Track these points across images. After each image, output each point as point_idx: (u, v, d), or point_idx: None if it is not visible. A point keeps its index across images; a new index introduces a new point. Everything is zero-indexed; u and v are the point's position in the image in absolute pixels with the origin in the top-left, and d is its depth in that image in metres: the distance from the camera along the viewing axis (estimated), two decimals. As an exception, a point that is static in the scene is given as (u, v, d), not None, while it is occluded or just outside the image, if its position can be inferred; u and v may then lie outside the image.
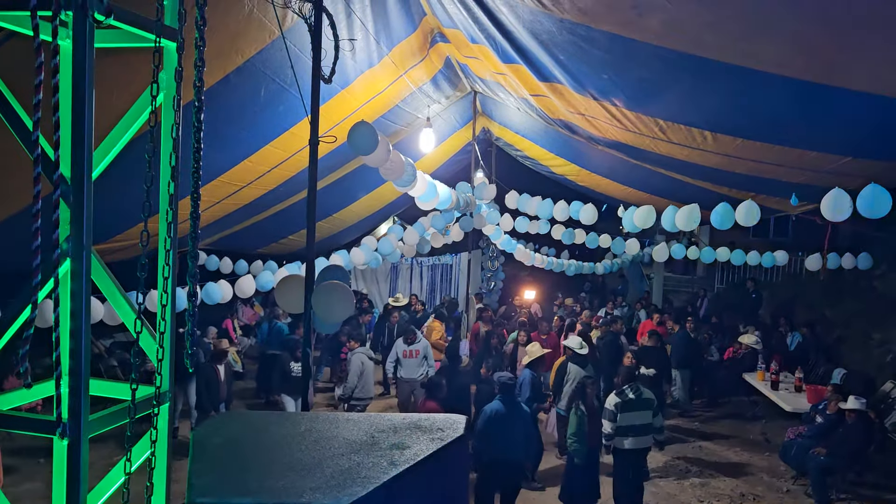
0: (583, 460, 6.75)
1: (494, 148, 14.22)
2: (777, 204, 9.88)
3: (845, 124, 6.08)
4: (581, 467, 6.76)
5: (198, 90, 2.39)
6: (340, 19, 5.89)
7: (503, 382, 6.78)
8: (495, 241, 12.75)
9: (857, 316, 12.67)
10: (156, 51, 2.30)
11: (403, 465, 2.12)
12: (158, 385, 2.49)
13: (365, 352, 9.20)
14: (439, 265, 17.09)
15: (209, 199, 8.02)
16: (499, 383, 6.82)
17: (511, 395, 6.75)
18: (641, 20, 4.91)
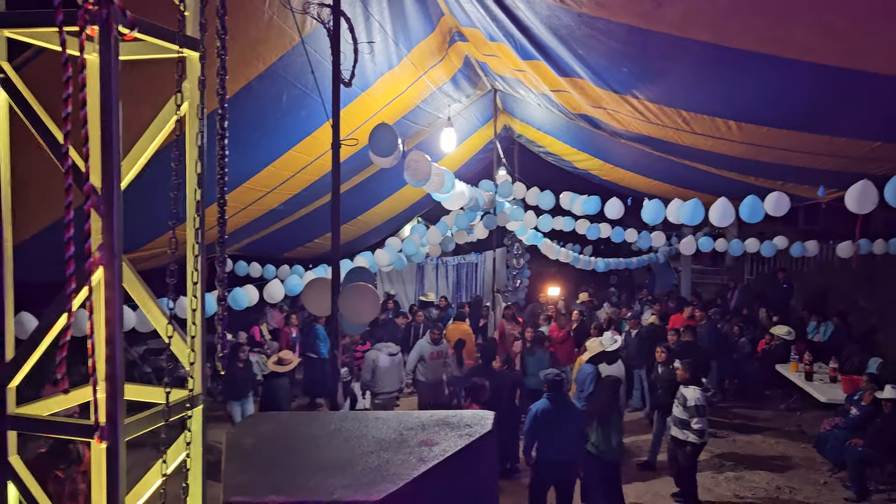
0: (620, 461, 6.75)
1: (517, 145, 14.18)
2: (807, 192, 9.73)
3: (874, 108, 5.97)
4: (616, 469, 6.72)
5: (221, 98, 2.44)
6: (359, 22, 5.93)
7: (550, 380, 6.68)
8: (521, 236, 12.73)
9: (891, 303, 12.42)
10: (179, 61, 2.35)
11: (432, 461, 2.14)
12: (191, 388, 2.54)
13: (380, 348, 9.26)
14: (465, 264, 17.10)
15: (235, 205, 8.12)
16: (546, 381, 6.74)
17: (558, 392, 6.66)
18: (660, 11, 4.87)
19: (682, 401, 7.16)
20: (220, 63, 2.43)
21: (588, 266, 14.70)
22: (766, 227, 15.06)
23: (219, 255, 2.51)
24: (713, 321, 11.81)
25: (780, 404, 11.21)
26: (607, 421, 6.59)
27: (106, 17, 2.03)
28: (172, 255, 2.27)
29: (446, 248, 12.52)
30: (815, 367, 10.28)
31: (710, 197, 9.11)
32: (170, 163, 2.40)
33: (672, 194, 10.46)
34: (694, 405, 7.00)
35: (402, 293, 16.55)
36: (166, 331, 2.48)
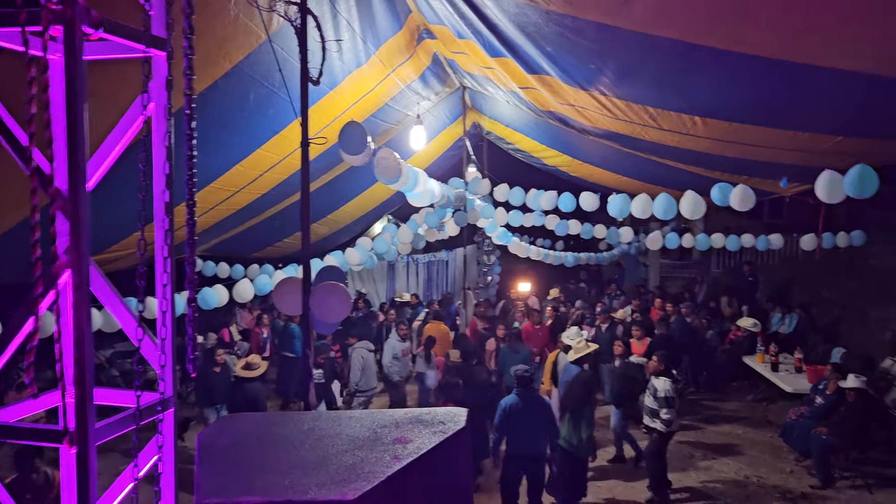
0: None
1: (486, 142, 14.24)
2: (771, 186, 9.92)
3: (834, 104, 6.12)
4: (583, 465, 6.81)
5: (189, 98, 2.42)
6: (326, 20, 5.90)
7: (519, 375, 6.72)
8: (490, 234, 12.79)
9: (854, 294, 12.75)
10: (145, 61, 2.32)
11: (406, 458, 2.15)
12: (162, 391, 2.52)
13: (364, 346, 9.26)
14: (436, 261, 17.13)
15: (203, 205, 8.03)
16: (515, 376, 6.78)
17: (527, 388, 6.70)
18: (626, 8, 4.93)
19: (652, 391, 7.29)
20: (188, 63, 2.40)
21: (558, 261, 14.82)
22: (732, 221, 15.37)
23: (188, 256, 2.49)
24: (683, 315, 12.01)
25: (747, 395, 11.44)
26: (579, 415, 6.65)
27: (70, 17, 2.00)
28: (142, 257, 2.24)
29: (417, 246, 12.54)
30: (781, 357, 10.52)
31: (678, 192, 9.25)
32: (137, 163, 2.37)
33: (640, 190, 10.59)
34: (664, 396, 7.15)
35: (373, 292, 16.53)
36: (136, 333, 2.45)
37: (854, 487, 7.67)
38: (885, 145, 7.21)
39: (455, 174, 11.91)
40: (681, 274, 19.60)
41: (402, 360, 9.43)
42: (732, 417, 10.43)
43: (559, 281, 18.39)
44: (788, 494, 7.53)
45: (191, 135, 2.44)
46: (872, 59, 5.00)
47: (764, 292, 15.59)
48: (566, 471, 6.71)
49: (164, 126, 2.42)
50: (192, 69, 2.40)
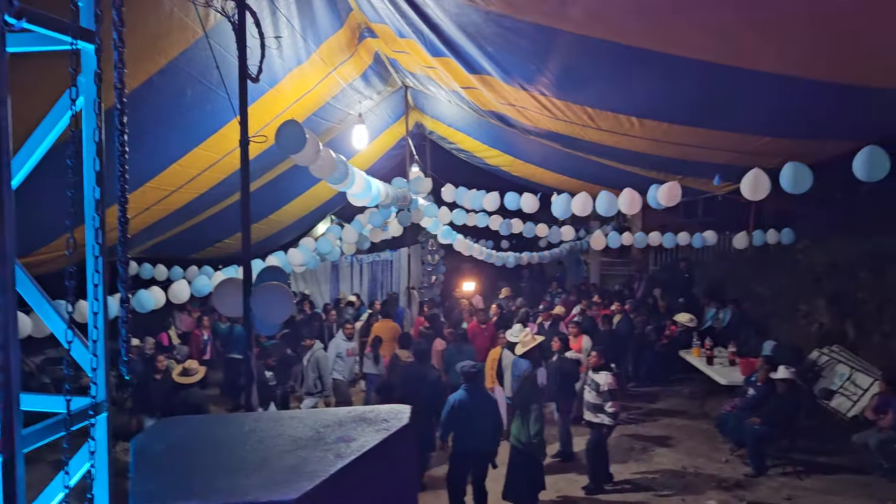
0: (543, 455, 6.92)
1: (428, 142, 14.27)
2: (704, 185, 10.25)
3: (763, 105, 6.36)
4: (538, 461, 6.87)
5: (119, 92, 2.34)
6: (265, 17, 5.81)
7: (466, 371, 6.73)
8: (435, 231, 12.81)
9: (783, 289, 13.26)
10: (73, 54, 2.24)
11: (350, 457, 2.14)
12: (94, 395, 2.44)
13: (319, 347, 9.22)
14: (380, 261, 17.06)
15: (138, 205, 7.80)
16: (462, 373, 6.79)
17: (475, 384, 6.72)
18: (563, 9, 5.02)
19: (594, 386, 7.43)
20: (118, 56, 2.33)
21: (500, 261, 14.95)
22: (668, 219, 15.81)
23: (120, 257, 2.41)
24: (628, 313, 12.31)
25: (684, 388, 11.77)
26: (527, 413, 6.70)
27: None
28: (71, 257, 2.16)
29: (361, 247, 12.45)
30: (715, 351, 10.85)
31: (617, 191, 9.46)
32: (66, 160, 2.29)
33: (579, 189, 10.78)
34: (607, 389, 7.30)
35: (316, 293, 16.34)
36: (65, 336, 2.36)
37: (785, 475, 7.98)
38: (809, 146, 7.55)
39: (398, 174, 11.89)
40: (620, 271, 20.02)
41: (346, 360, 9.36)
42: (670, 410, 10.72)
43: (503, 280, 18.55)
44: (724, 483, 7.78)
45: (122, 130, 2.36)
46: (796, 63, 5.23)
47: (699, 288, 16.08)
48: (520, 470, 6.76)
49: (94, 121, 2.33)
50: (123, 62, 2.33)
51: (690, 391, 11.57)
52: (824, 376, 10.37)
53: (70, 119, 2.24)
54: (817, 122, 6.66)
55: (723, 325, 12.75)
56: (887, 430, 7.75)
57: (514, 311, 12.56)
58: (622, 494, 7.57)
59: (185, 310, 13.33)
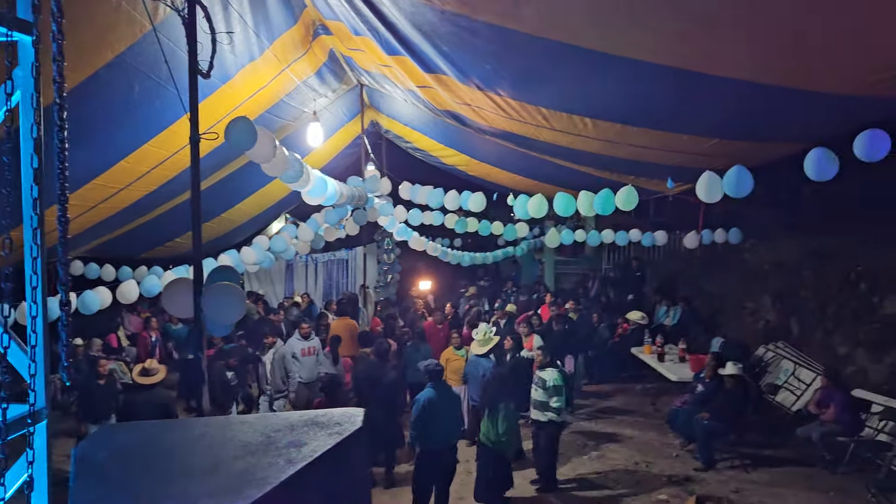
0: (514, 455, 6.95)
1: (384, 140, 14.20)
2: (656, 186, 10.42)
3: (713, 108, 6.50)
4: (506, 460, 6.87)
5: (59, 87, 2.25)
6: (216, 11, 5.69)
7: (432, 370, 6.74)
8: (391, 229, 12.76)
9: (731, 288, 13.61)
10: (9, 45, 2.14)
11: (301, 462, 2.10)
12: (32, 402, 2.34)
13: (280, 346, 9.13)
14: (335, 261, 16.91)
15: (84, 203, 7.56)
16: (427, 371, 6.77)
17: (441, 381, 6.76)
18: (518, 10, 5.04)
19: (541, 384, 7.48)
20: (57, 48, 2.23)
21: (455, 260, 14.97)
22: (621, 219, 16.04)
23: (60, 258, 2.32)
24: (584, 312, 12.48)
25: (636, 385, 11.98)
26: (496, 412, 6.71)
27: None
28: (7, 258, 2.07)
29: (316, 246, 12.31)
30: (666, 348, 11.07)
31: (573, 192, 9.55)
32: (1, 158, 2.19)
33: (535, 189, 10.87)
34: (553, 385, 7.38)
35: (270, 292, 16.12)
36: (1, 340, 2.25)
37: (733, 468, 8.18)
38: (757, 148, 7.75)
39: (354, 172, 11.77)
40: (574, 270, 20.25)
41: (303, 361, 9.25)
42: (623, 407, 10.89)
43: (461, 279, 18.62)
44: (674, 478, 7.94)
45: (61, 126, 2.27)
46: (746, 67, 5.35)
47: (650, 286, 16.37)
48: (488, 469, 6.77)
49: (32, 116, 2.24)
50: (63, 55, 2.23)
51: (642, 388, 11.77)
52: (770, 372, 10.68)
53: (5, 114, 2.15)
54: (764, 124, 6.84)
55: (673, 323, 13.02)
56: (829, 424, 8.01)
57: (468, 311, 12.60)
58: (576, 492, 7.66)
59: (134, 311, 13.01)
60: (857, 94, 5.44)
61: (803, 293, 11.27)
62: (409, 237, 13.15)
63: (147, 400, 7.30)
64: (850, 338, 9.78)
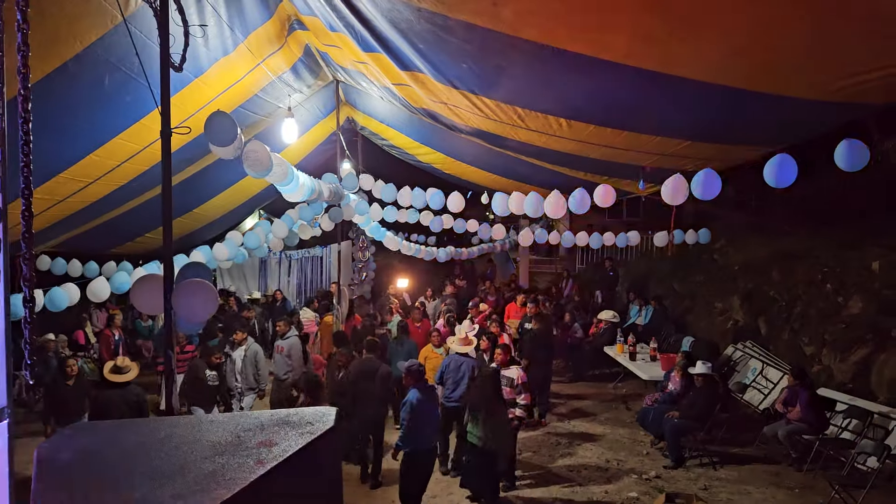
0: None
1: (360, 137, 14.13)
2: (628, 186, 10.53)
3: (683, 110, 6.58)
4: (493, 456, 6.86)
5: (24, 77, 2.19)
6: (189, 3, 5.60)
7: (413, 370, 6.70)
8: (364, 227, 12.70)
9: (701, 287, 13.79)
10: (-28, 35, 2.09)
11: (271, 462, 2.07)
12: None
13: (252, 343, 9.07)
14: (309, 257, 16.80)
15: (51, 197, 7.41)
16: (408, 371, 6.72)
17: (423, 381, 6.77)
18: (495, 10, 5.04)
19: (507, 382, 7.51)
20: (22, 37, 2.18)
21: (430, 256, 14.96)
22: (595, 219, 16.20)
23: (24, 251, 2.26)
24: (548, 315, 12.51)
25: (608, 384, 12.08)
26: (485, 411, 6.69)
27: None
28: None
29: (290, 242, 12.21)
30: (638, 347, 11.18)
31: (545, 190, 9.59)
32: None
33: (510, 188, 10.89)
34: (521, 383, 7.46)
35: (243, 288, 15.97)
36: (-38, 338, 2.20)
37: (702, 465, 8.29)
38: (727, 150, 7.86)
39: (329, 169, 11.69)
40: (548, 269, 20.38)
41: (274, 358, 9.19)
42: (594, 405, 10.97)
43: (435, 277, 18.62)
44: (644, 476, 8.02)
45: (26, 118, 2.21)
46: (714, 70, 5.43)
47: (623, 286, 16.53)
48: (478, 466, 6.79)
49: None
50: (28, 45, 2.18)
51: (614, 386, 11.88)
52: (738, 371, 10.84)
53: (-32, 105, 2.09)
54: (732, 127, 6.95)
55: (645, 322, 13.16)
56: (795, 422, 8.15)
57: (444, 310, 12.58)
58: (546, 489, 7.70)
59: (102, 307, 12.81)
60: (823, 99, 5.54)
61: (771, 293, 11.47)
62: (384, 237, 13.11)
63: (121, 397, 7.20)
64: (816, 338, 9.97)
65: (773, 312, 11.21)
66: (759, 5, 4.34)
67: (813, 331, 10.13)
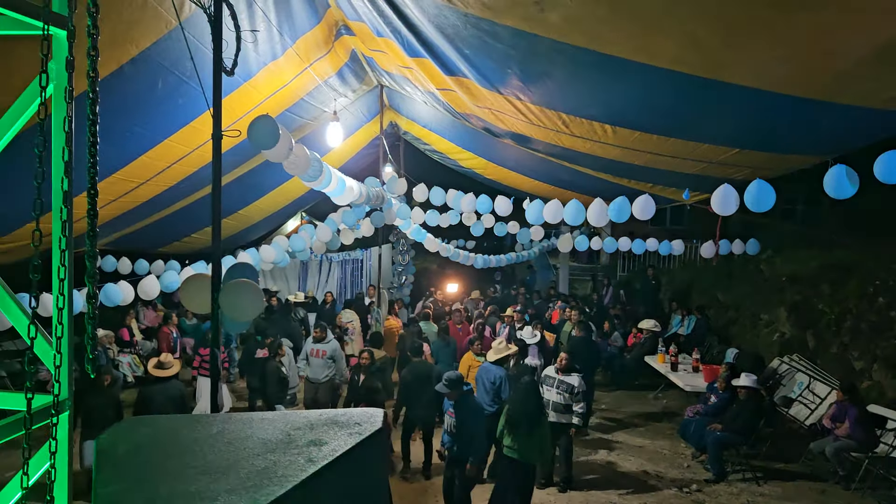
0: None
1: (402, 142, 14.23)
2: (673, 194, 10.38)
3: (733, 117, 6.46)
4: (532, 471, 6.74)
5: (92, 81, 2.27)
6: (241, 9, 5.73)
7: (453, 379, 6.57)
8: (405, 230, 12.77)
9: (747, 298, 13.51)
10: (44, 39, 2.16)
11: (321, 461, 2.10)
12: (57, 393, 2.36)
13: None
14: (350, 260, 16.95)
15: (105, 196, 7.63)
16: (448, 380, 6.58)
17: (461, 390, 6.61)
18: (543, 15, 5.03)
19: (566, 388, 7.45)
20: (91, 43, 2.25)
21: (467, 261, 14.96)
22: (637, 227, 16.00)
23: (89, 249, 2.33)
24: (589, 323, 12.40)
25: (648, 394, 11.91)
26: (530, 423, 6.49)
27: (-42, -13, 1.84)
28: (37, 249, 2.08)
29: (332, 246, 12.35)
30: (680, 358, 11.00)
31: (588, 197, 9.53)
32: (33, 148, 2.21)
33: (552, 194, 10.85)
34: (581, 391, 7.43)
35: (284, 290, 16.18)
36: (28, 331, 2.28)
37: (744, 480, 8.10)
38: (777, 159, 7.69)
39: (371, 173, 11.81)
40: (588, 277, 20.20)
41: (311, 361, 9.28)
42: (634, 415, 10.82)
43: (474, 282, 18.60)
44: (685, 488, 7.88)
45: (94, 120, 2.29)
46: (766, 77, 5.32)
47: (665, 295, 16.30)
48: (516, 481, 6.57)
49: (65, 110, 2.26)
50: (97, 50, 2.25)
51: (655, 396, 11.70)
52: (784, 385, 10.57)
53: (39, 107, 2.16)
54: (784, 136, 6.80)
55: (687, 332, 12.94)
56: (843, 439, 7.91)
57: (485, 316, 12.54)
58: (585, 498, 7.61)
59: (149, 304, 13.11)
60: (878, 107, 5.40)
61: (820, 306, 11.17)
62: (424, 238, 13.17)
63: (162, 392, 7.41)
64: (867, 352, 9.67)
65: (821, 326, 10.91)
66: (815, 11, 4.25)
67: (864, 345, 9.84)
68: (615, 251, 14.15)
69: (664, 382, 11.46)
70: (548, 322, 12.92)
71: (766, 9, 4.36)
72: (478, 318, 11.71)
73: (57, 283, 2.25)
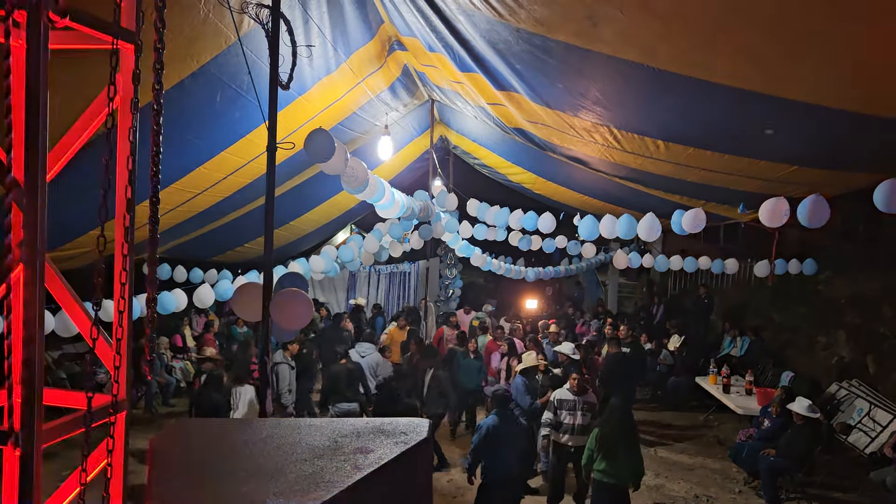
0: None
1: (452, 156, 14.30)
2: (727, 211, 10.15)
3: (791, 133, 6.30)
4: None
5: (157, 93, 2.36)
6: (298, 25, 5.87)
7: (498, 395, 6.52)
8: (453, 246, 12.80)
9: (803, 320, 13.09)
10: (113, 53, 2.26)
11: (367, 468, 2.12)
12: (115, 393, 2.44)
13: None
14: (397, 273, 17.07)
15: (163, 206, 7.84)
16: (493, 396, 6.56)
17: (506, 408, 6.53)
18: (595, 30, 5.01)
19: (589, 408, 7.30)
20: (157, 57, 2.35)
21: (518, 276, 14.89)
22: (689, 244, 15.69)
23: (149, 256, 2.42)
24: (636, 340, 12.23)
25: (699, 415, 11.62)
26: (625, 444, 6.31)
27: (35, 2, 1.94)
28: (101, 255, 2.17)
29: (380, 258, 12.46)
30: (732, 380, 10.71)
31: (639, 214, 9.40)
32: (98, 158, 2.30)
33: (602, 210, 10.74)
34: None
35: (333, 301, 16.39)
36: (91, 333, 2.37)
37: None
38: (836, 176, 7.46)
39: (420, 186, 11.90)
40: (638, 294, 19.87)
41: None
42: (684, 437, 10.57)
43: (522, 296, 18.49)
44: (737, 514, 7.66)
45: (157, 131, 2.38)
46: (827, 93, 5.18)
47: (718, 314, 15.91)
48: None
49: (130, 120, 2.35)
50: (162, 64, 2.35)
51: (706, 418, 11.42)
52: (842, 410, 10.19)
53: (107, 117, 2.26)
54: (844, 152, 6.59)
55: (740, 354, 12.60)
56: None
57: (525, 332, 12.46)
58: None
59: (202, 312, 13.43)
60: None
61: (882, 330, 10.75)
62: (471, 254, 13.18)
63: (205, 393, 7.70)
64: (933, 379, 9.26)
65: (883, 350, 10.50)
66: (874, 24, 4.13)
67: (929, 371, 9.42)
68: (666, 269, 13.91)
69: (715, 404, 11.17)
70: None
71: (824, 22, 4.25)
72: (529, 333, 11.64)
73: (118, 287, 2.34)
